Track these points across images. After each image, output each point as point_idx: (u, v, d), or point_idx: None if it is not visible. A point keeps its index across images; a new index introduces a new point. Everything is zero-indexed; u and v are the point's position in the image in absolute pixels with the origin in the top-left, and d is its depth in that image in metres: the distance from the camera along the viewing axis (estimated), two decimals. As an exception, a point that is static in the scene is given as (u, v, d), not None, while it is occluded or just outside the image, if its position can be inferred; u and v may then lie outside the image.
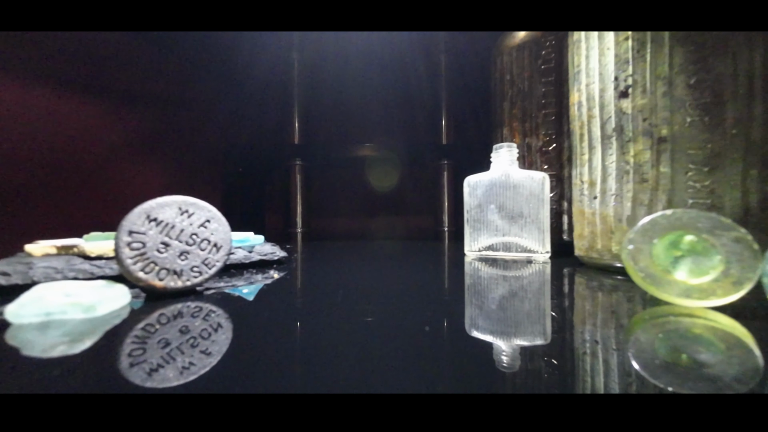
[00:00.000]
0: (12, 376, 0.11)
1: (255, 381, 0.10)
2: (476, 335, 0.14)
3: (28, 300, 0.14)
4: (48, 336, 0.14)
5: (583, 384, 0.10)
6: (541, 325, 0.15)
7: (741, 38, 0.21)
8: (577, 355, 0.12)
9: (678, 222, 0.16)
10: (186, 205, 0.20)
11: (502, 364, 0.11)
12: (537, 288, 0.23)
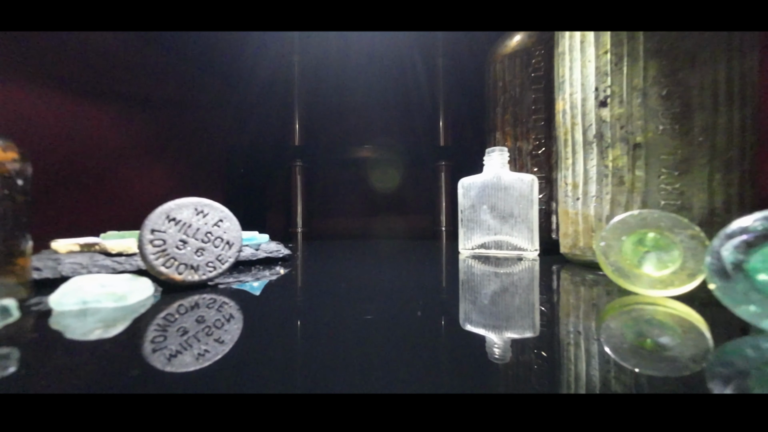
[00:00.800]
0: (57, 356, 0.13)
1: (263, 368, 0.11)
2: (469, 328, 0.15)
3: (68, 290, 0.16)
4: (86, 322, 0.16)
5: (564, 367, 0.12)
6: (530, 318, 0.17)
7: (707, 54, 0.23)
8: (562, 343, 0.14)
9: (643, 221, 0.18)
10: (201, 206, 0.22)
11: (494, 355, 0.12)
12: (526, 284, 0.25)
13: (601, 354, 0.12)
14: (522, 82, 0.37)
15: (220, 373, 0.11)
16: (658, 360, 0.11)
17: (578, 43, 0.27)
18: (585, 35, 0.27)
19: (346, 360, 0.12)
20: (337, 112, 0.78)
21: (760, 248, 0.13)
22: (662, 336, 0.13)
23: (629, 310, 0.17)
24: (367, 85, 0.77)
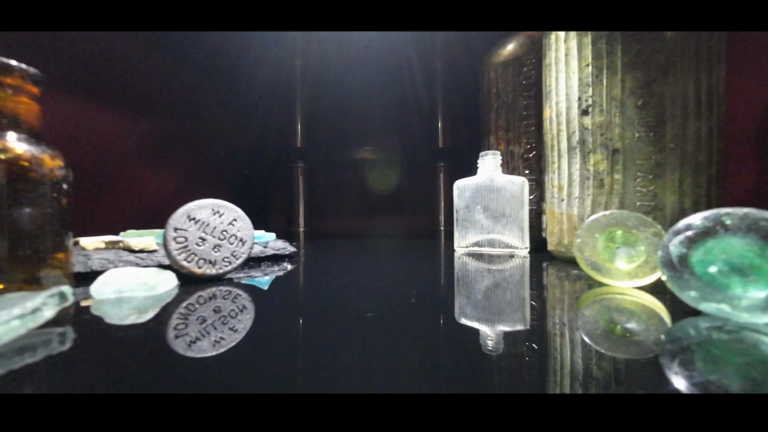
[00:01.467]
0: (99, 339, 0.15)
1: (272, 355, 0.13)
2: (463, 321, 0.17)
3: (107, 281, 0.19)
4: (122, 309, 0.19)
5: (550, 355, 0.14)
6: (521, 310, 0.19)
7: (678, 68, 0.26)
8: (548, 334, 0.16)
9: (614, 220, 0.21)
10: (217, 207, 0.24)
11: (487, 347, 0.13)
12: (517, 279, 0.28)
13: (580, 341, 0.14)
14: (514, 89, 0.40)
15: (234, 360, 0.12)
16: (626, 344, 0.13)
17: (563, 55, 0.30)
18: (569, 49, 0.29)
19: (347, 349, 0.13)
20: (337, 114, 0.81)
21: (700, 243, 0.15)
22: (629, 322, 0.16)
23: (602, 300, 0.20)
24: (367, 88, 0.79)
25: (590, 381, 0.10)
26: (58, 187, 0.18)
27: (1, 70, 0.17)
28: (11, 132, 0.17)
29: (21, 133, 0.18)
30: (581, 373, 0.11)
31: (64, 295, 0.15)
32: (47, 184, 0.18)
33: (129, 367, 0.12)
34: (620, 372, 0.11)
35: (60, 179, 0.19)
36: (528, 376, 0.11)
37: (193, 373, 0.11)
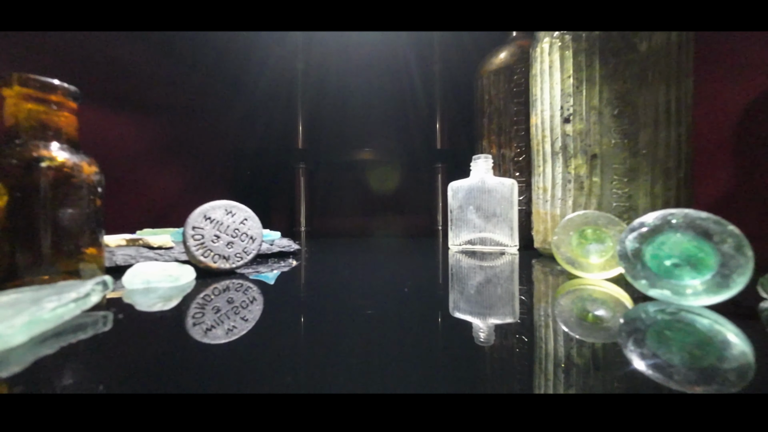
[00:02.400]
0: (132, 322, 0.18)
1: (278, 343, 0.14)
2: (457, 315, 0.18)
3: (137, 272, 0.21)
4: (149, 297, 0.21)
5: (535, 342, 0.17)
6: (510, 304, 0.22)
7: (650, 80, 0.28)
8: (535, 324, 0.19)
9: (586, 219, 0.24)
10: (230, 207, 0.27)
11: (479, 338, 0.14)
12: (507, 275, 0.30)
13: (557, 328, 0.16)
14: (505, 96, 0.42)
15: (244, 347, 0.14)
16: (597, 330, 0.15)
17: (547, 67, 0.32)
18: (552, 61, 0.32)
19: (347, 338, 0.15)
20: (338, 117, 0.83)
21: (651, 239, 0.18)
22: (598, 310, 0.18)
23: (576, 290, 0.22)
24: (367, 91, 0.82)
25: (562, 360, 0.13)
26: (94, 191, 0.21)
27: (46, 88, 0.20)
28: (54, 142, 0.20)
29: (62, 143, 0.20)
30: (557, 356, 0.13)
31: (107, 284, 0.18)
32: (85, 188, 0.21)
33: (156, 347, 0.14)
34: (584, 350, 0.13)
35: (95, 183, 0.21)
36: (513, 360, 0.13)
37: (208, 358, 0.13)
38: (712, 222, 0.16)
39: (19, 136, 0.19)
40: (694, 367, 0.11)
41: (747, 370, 0.11)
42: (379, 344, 0.14)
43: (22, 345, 0.13)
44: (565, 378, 0.11)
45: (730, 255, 0.16)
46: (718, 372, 0.11)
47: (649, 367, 0.11)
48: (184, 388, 0.10)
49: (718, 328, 0.14)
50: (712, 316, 0.16)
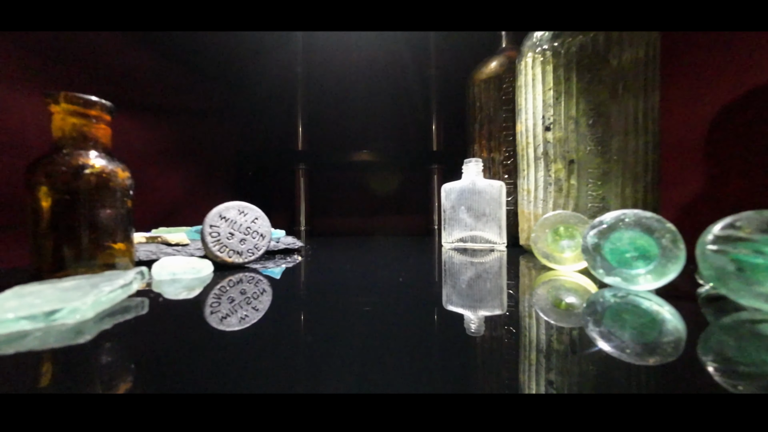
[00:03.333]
0: (161, 309, 0.21)
1: (285, 330, 0.16)
2: (450, 307, 0.20)
3: (164, 265, 0.24)
4: (174, 287, 0.24)
5: (520, 329, 0.20)
6: (498, 297, 0.25)
7: (621, 93, 0.32)
8: (521, 314, 0.22)
9: (560, 218, 0.27)
10: (242, 208, 0.30)
11: (470, 329, 0.16)
12: (496, 270, 0.34)
13: (537, 315, 0.20)
14: (495, 103, 0.46)
15: (255, 334, 0.16)
16: (567, 315, 0.18)
17: (530, 80, 0.36)
18: (535, 75, 0.35)
19: (348, 325, 0.17)
20: (337, 119, 0.87)
21: (609, 235, 0.21)
22: (569, 297, 0.21)
23: (551, 281, 0.26)
24: (365, 95, 0.85)
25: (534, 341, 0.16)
26: (127, 193, 0.24)
27: (87, 104, 0.23)
28: (93, 151, 0.23)
29: (99, 152, 0.24)
30: (539, 342, 0.17)
31: (144, 274, 0.21)
32: (119, 191, 0.24)
33: (181, 330, 0.17)
34: (554, 332, 0.17)
35: (128, 187, 0.24)
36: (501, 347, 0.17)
37: (224, 342, 0.16)
38: (654, 220, 0.20)
39: (65, 146, 0.22)
40: (641, 341, 0.14)
41: (680, 343, 0.14)
42: (377, 332, 0.16)
43: (90, 319, 0.16)
44: (546, 362, 0.13)
45: (669, 248, 0.19)
46: (658, 345, 0.13)
47: (606, 344, 0.14)
48: (202, 369, 0.13)
49: (658, 308, 0.18)
50: (655, 298, 0.19)
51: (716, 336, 0.15)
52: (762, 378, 0.11)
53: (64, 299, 0.15)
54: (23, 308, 0.14)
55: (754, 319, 0.16)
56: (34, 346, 0.14)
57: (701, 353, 0.13)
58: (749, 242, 0.16)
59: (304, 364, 0.13)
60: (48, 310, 0.14)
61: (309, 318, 0.19)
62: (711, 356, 0.13)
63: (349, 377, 0.11)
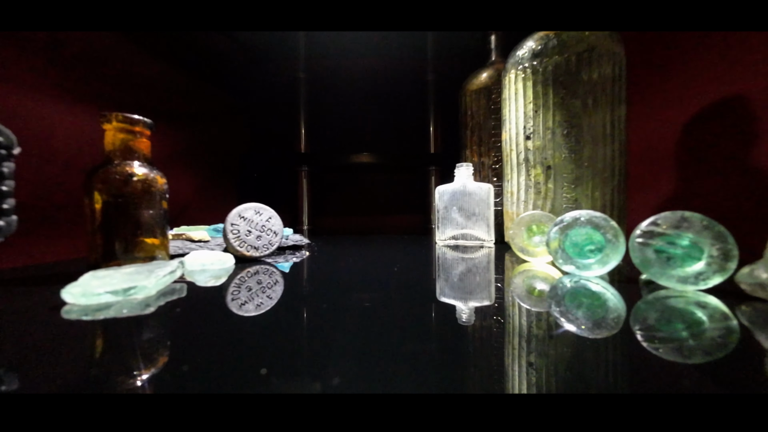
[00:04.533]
0: (197, 292, 0.26)
1: (296, 316, 0.22)
2: (443, 299, 0.24)
3: (195, 257, 0.29)
4: (204, 276, 0.29)
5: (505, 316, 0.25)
6: (487, 288, 0.30)
7: (592, 107, 0.36)
8: (507, 305, 0.27)
9: (532, 218, 0.32)
10: (258, 208, 0.35)
11: (462, 319, 0.19)
12: (484, 265, 0.38)
13: (517, 303, 0.25)
14: (484, 112, 0.51)
15: (270, 319, 0.19)
16: (539, 301, 0.23)
17: (513, 94, 0.40)
18: (518, 90, 0.40)
19: (350, 311, 0.25)
20: (338, 123, 0.91)
21: (569, 231, 0.26)
22: (539, 284, 0.26)
23: (525, 271, 0.30)
24: (365, 99, 0.90)
25: (525, 332, 0.21)
26: (164, 196, 0.29)
27: (133, 122, 0.28)
28: (137, 161, 0.28)
29: (142, 161, 0.28)
30: (521, 328, 0.21)
31: (183, 264, 0.26)
32: (158, 195, 0.29)
33: (212, 308, 0.22)
34: (525, 313, 0.21)
35: (164, 191, 0.29)
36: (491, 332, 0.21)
37: (243, 326, 0.22)
38: (601, 219, 0.24)
39: (116, 158, 0.27)
40: (591, 318, 0.18)
41: (620, 318, 0.18)
42: (376, 318, 0.19)
43: (152, 296, 0.21)
44: (527, 345, 0.18)
45: (612, 241, 0.24)
46: (604, 320, 0.18)
47: (566, 323, 0.18)
48: (224, 346, 0.18)
49: (604, 291, 0.23)
50: (602, 283, 0.24)
51: (642, 310, 0.19)
52: (673, 341, 0.15)
53: (132, 280, 0.20)
54: (105, 286, 0.19)
55: (668, 295, 0.21)
56: (117, 314, 0.18)
57: (632, 324, 0.17)
58: (665, 236, 0.20)
59: (311, 344, 0.16)
60: (126, 287, 0.19)
61: (316, 304, 0.24)
62: (638, 326, 0.17)
63: (351, 358, 0.13)
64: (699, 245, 0.20)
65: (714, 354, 0.14)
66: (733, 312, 0.18)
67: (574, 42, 0.37)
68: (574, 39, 0.37)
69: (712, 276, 0.19)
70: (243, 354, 0.14)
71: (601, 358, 0.14)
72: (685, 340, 0.15)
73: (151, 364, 0.13)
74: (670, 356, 0.13)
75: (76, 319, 0.18)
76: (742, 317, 0.18)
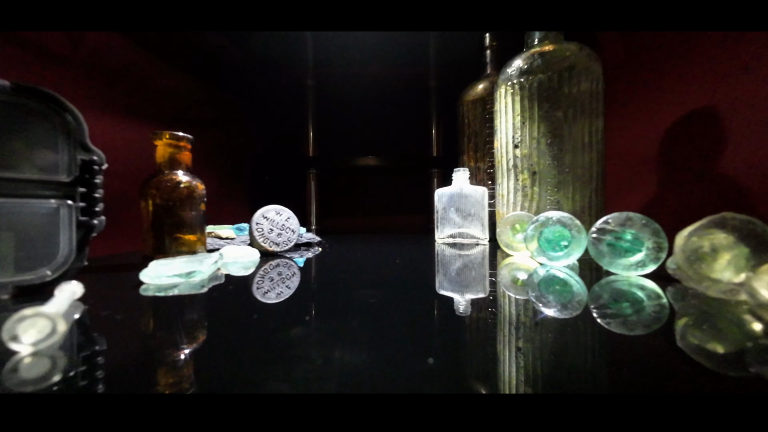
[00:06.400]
0: (230, 281, 0.32)
1: (311, 302, 0.29)
2: (441, 292, 0.34)
3: (229, 251, 0.35)
4: (236, 267, 0.35)
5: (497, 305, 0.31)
6: (482, 282, 0.36)
7: (572, 119, 0.42)
8: (498, 296, 0.33)
9: (518, 217, 0.37)
10: (278, 210, 0.41)
11: (459, 310, 0.23)
12: (479, 261, 0.44)
13: (500, 290, 0.30)
14: (480, 121, 0.56)
15: (289, 305, 0.25)
16: (520, 289, 0.29)
17: (503, 107, 0.46)
18: (507, 103, 0.45)
19: (356, 299, 0.31)
20: (345, 127, 0.97)
21: (542, 229, 0.31)
22: (520, 274, 0.32)
23: (510, 265, 0.36)
24: (371, 105, 0.96)
25: (515, 320, 0.27)
26: (203, 200, 0.35)
27: (178, 138, 0.34)
28: (181, 170, 0.34)
29: (184, 170, 0.34)
30: (511, 316, 0.27)
31: (222, 256, 0.32)
32: (198, 198, 0.35)
33: (243, 292, 0.28)
34: (511, 300, 0.27)
35: (203, 195, 0.35)
36: (486, 320, 0.27)
37: (237, 329, 0.28)
38: (568, 219, 0.30)
39: (165, 168, 0.33)
40: (559, 301, 0.24)
41: (582, 301, 0.24)
42: (381, 307, 0.27)
43: (204, 279, 0.27)
44: (516, 332, 0.24)
45: (576, 237, 0.29)
46: (570, 302, 0.23)
47: (542, 306, 0.24)
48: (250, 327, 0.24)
49: (569, 278, 0.28)
50: (568, 271, 0.29)
51: (596, 293, 0.25)
52: (618, 315, 0.20)
53: (191, 266, 0.26)
54: (171, 271, 0.25)
55: (616, 280, 0.26)
56: (181, 291, 0.24)
57: (589, 303, 0.22)
58: (614, 232, 0.26)
59: (324, 325, 0.22)
60: (188, 272, 0.25)
61: (328, 293, 0.30)
62: (593, 305, 0.22)
63: (360, 340, 0.16)
64: (639, 239, 0.25)
65: (651, 326, 0.17)
66: (664, 291, 0.23)
67: (556, 61, 0.42)
68: (556, 58, 0.42)
69: (649, 264, 0.25)
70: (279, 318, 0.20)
71: (570, 336, 0.16)
72: (629, 315, 0.20)
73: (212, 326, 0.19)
74: (618, 329, 0.17)
75: (152, 296, 0.24)
76: (669, 296, 0.23)
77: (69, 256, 0.23)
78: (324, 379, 0.12)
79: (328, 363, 0.13)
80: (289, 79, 0.92)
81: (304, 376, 0.12)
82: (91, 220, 0.24)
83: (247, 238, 0.47)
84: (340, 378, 0.12)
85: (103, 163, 0.24)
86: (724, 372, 0.12)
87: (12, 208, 0.21)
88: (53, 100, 0.22)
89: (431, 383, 0.12)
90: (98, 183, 0.24)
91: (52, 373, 0.12)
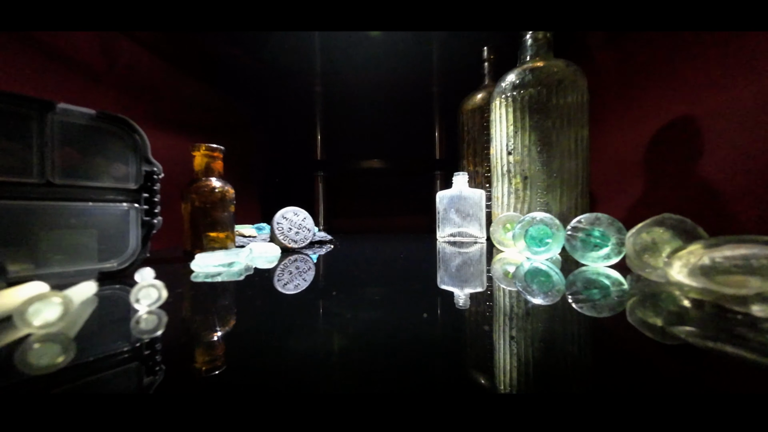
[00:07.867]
0: (257, 273, 0.38)
1: (325, 293, 0.36)
2: (442, 286, 0.40)
3: (254, 247, 0.41)
4: (260, 261, 0.41)
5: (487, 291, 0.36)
6: (480, 278, 0.42)
7: (560, 129, 0.47)
8: (494, 290, 0.38)
9: (508, 217, 0.42)
10: (296, 210, 0.47)
11: (458, 303, 0.34)
12: (477, 258, 0.49)
13: (493, 283, 0.36)
14: (478, 128, 0.61)
15: (305, 296, 0.33)
16: (509, 281, 0.35)
17: (498, 117, 0.51)
18: (501, 114, 0.51)
19: (366, 294, 0.36)
20: (351, 132, 1.03)
21: (528, 227, 0.37)
22: (510, 268, 0.37)
23: (501, 259, 0.41)
24: (376, 110, 1.02)
25: (509, 310, 0.32)
26: (232, 202, 0.41)
27: (213, 149, 0.40)
28: (214, 177, 0.40)
29: (217, 177, 0.40)
30: (504, 306, 0.32)
31: (252, 250, 0.37)
32: (229, 201, 0.40)
33: (268, 281, 0.34)
34: (503, 292, 0.32)
35: (233, 198, 0.41)
36: (482, 310, 0.33)
37: (283, 301, 0.33)
38: (548, 218, 0.35)
39: (201, 175, 0.39)
40: (542, 290, 0.29)
41: (560, 290, 0.29)
42: (388, 299, 0.34)
43: (241, 269, 0.32)
44: (510, 322, 0.30)
45: (555, 234, 0.34)
46: (550, 291, 0.29)
47: (528, 295, 0.30)
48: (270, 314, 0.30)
49: (549, 270, 0.33)
50: (549, 264, 0.35)
51: (571, 281, 0.30)
52: (589, 300, 0.26)
53: (231, 258, 0.32)
54: (215, 261, 0.31)
55: (586, 270, 0.31)
56: (223, 279, 0.30)
57: (566, 291, 0.28)
58: (585, 230, 0.31)
59: (338, 314, 0.29)
60: (229, 262, 0.31)
61: (341, 284, 0.35)
62: (569, 291, 0.28)
63: (369, 324, 0.26)
64: (606, 235, 0.30)
65: (615, 309, 0.21)
66: (625, 279, 0.29)
67: (546, 76, 0.47)
68: (546, 74, 0.47)
69: (614, 256, 0.30)
70: (306, 293, 0.26)
71: (556, 319, 0.23)
72: (597, 300, 0.25)
73: (252, 304, 0.25)
74: (589, 312, 0.21)
75: (201, 281, 0.30)
76: (628, 283, 0.28)
77: (136, 249, 0.29)
78: (352, 324, 0.18)
79: (354, 318, 0.19)
80: (298, 87, 0.98)
81: (341, 324, 0.18)
82: (152, 220, 0.30)
83: (267, 236, 0.52)
84: (364, 326, 0.18)
85: (160, 173, 0.30)
86: (661, 341, 0.17)
87: (95, 210, 0.27)
88: (125, 124, 0.28)
89: (426, 331, 0.17)
90: (157, 189, 0.30)
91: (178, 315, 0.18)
